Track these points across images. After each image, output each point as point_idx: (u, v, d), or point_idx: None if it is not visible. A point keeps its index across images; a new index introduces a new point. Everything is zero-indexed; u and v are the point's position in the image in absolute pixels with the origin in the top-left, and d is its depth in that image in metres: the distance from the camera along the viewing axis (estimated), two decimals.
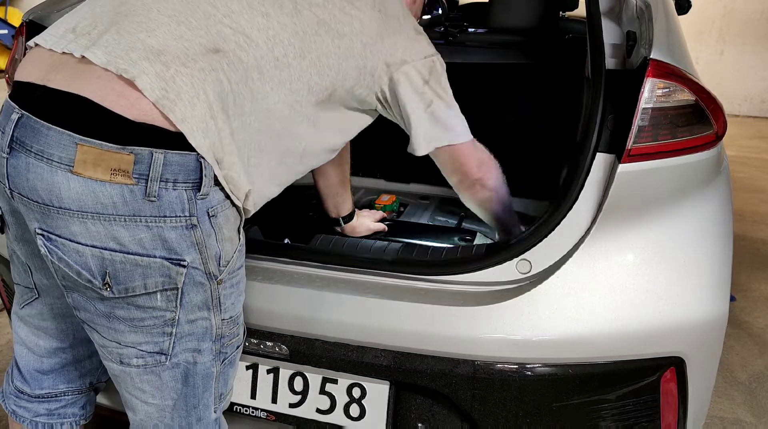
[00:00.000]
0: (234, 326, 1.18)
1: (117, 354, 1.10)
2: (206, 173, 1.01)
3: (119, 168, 0.96)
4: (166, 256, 1.02)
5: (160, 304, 1.06)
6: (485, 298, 1.30)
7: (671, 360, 1.29)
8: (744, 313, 2.88)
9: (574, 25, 2.49)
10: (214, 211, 1.05)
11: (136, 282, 1.02)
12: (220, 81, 1.03)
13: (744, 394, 2.31)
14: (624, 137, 1.26)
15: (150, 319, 1.07)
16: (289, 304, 1.38)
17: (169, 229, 1.01)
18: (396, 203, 2.34)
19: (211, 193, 1.03)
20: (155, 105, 0.97)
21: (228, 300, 1.14)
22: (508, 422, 1.31)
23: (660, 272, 1.28)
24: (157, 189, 0.98)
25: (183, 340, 1.10)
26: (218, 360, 1.16)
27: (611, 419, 1.31)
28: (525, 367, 1.27)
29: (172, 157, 0.98)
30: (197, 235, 1.03)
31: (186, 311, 1.08)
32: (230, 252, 1.11)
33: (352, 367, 1.35)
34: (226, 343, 1.17)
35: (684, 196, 1.32)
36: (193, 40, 1.03)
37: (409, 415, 1.41)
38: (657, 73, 1.25)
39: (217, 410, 1.21)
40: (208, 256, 1.06)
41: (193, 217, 1.02)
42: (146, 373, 1.12)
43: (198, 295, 1.08)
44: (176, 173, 0.99)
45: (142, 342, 1.09)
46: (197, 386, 1.15)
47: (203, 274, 1.07)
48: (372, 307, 1.33)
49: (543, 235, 1.32)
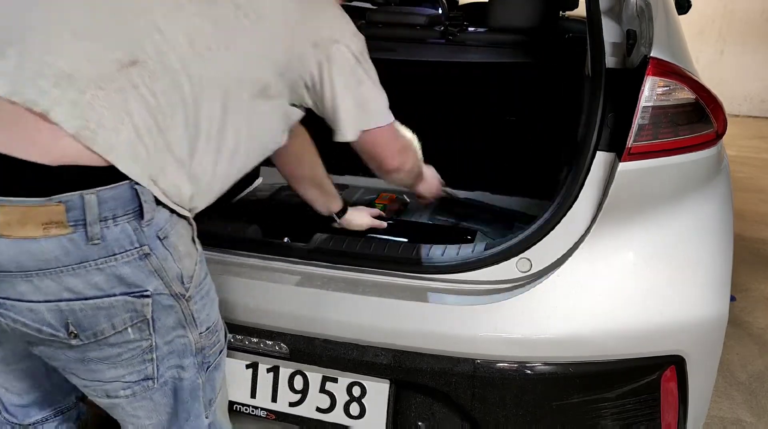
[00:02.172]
0: (213, 335, 1.15)
1: (102, 391, 1.06)
2: (145, 199, 0.95)
3: (51, 221, 0.88)
4: (126, 292, 0.97)
5: (133, 337, 1.01)
6: (485, 296, 1.30)
7: (671, 359, 1.29)
8: (744, 313, 2.88)
9: (574, 24, 2.49)
10: (164, 232, 0.99)
11: (103, 324, 0.97)
12: (143, 96, 0.96)
13: (744, 394, 2.31)
14: (624, 136, 1.26)
15: (127, 352, 1.02)
16: (289, 302, 1.38)
17: (122, 266, 0.95)
18: (396, 203, 2.34)
19: (155, 216, 0.98)
20: (75, 138, 0.89)
21: (201, 313, 1.10)
22: (508, 421, 1.31)
23: (660, 271, 1.28)
24: (99, 230, 0.91)
25: (165, 360, 1.07)
26: (202, 370, 1.13)
27: (611, 418, 1.31)
28: (525, 365, 1.27)
29: (104, 194, 0.91)
30: (153, 263, 0.98)
31: (161, 335, 1.04)
32: (191, 267, 1.06)
33: (352, 365, 1.35)
34: (207, 354, 1.14)
35: (684, 195, 1.32)
36: (105, 56, 0.95)
37: (409, 414, 1.40)
38: (657, 72, 1.25)
39: (208, 416, 1.19)
40: (169, 279, 1.01)
41: (144, 246, 0.96)
42: (137, 401, 1.08)
43: (170, 317, 1.04)
44: (114, 209, 0.92)
45: (124, 374, 1.04)
46: (186, 400, 1.13)
47: (169, 297, 1.02)
48: (372, 306, 1.33)
49: (543, 233, 1.32)
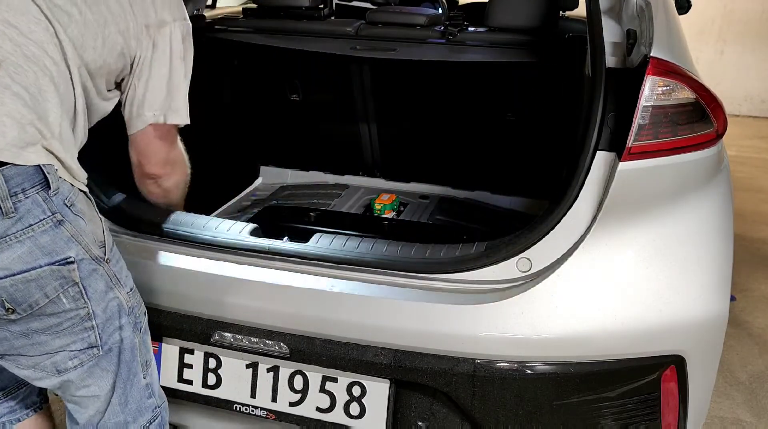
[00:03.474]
0: (136, 295, 1.25)
1: (51, 365, 1.12)
2: (48, 171, 1.03)
3: None
4: (51, 262, 1.04)
5: (68, 305, 1.08)
6: (485, 296, 1.30)
7: (672, 359, 1.29)
8: (744, 313, 2.88)
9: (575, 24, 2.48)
10: (70, 200, 1.07)
11: (36, 295, 1.04)
12: (17, 94, 1.02)
13: (744, 394, 2.31)
14: (624, 135, 1.26)
15: (67, 321, 1.09)
16: (288, 302, 1.38)
17: (40, 235, 1.02)
18: (396, 202, 2.34)
19: (60, 186, 1.06)
20: None
21: (122, 274, 1.20)
22: (508, 421, 1.31)
23: (660, 271, 1.27)
24: (11, 205, 0.99)
25: (106, 326, 1.15)
26: (137, 330, 1.22)
27: (611, 418, 1.31)
28: (525, 365, 1.27)
29: (9, 172, 0.99)
30: (68, 228, 1.06)
31: (96, 301, 1.12)
32: (100, 232, 1.15)
33: (352, 365, 1.35)
34: (137, 313, 1.23)
35: (684, 195, 1.31)
36: None
37: (409, 414, 1.40)
38: (657, 71, 1.25)
39: (146, 376, 1.25)
40: (87, 244, 1.09)
41: (56, 213, 1.04)
42: (85, 371, 1.14)
43: (99, 282, 1.12)
44: (21, 183, 1.00)
45: (69, 343, 1.11)
46: (127, 359, 1.20)
47: (92, 261, 1.10)
48: (372, 306, 1.33)
49: (543, 233, 1.32)
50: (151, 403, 1.28)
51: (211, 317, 1.41)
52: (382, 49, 2.23)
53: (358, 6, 2.97)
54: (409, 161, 2.59)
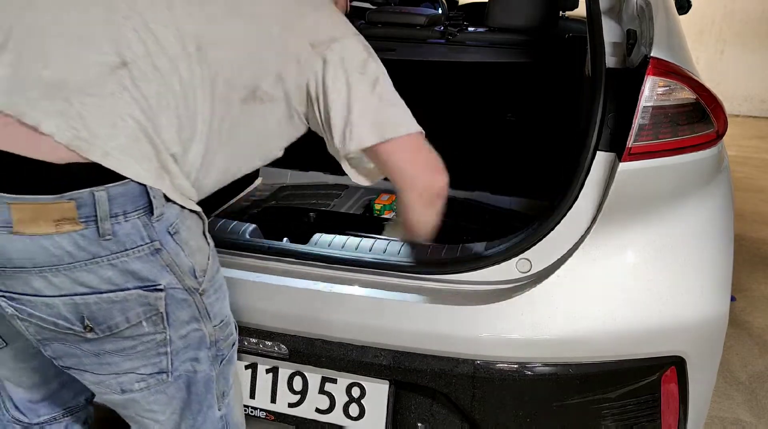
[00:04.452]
0: (226, 328, 1.16)
1: (116, 384, 1.07)
2: (154, 194, 0.96)
3: (63, 217, 0.90)
4: (140, 286, 0.98)
5: (147, 330, 1.02)
6: (485, 297, 1.30)
7: (672, 360, 1.29)
8: (744, 313, 2.87)
9: (574, 24, 2.49)
10: (175, 227, 1.00)
11: (117, 318, 0.99)
12: (136, 100, 0.96)
13: (744, 394, 2.31)
14: (624, 136, 1.26)
15: (141, 345, 1.03)
16: (288, 303, 1.37)
17: (134, 261, 0.96)
18: (396, 203, 2.34)
19: (166, 212, 0.99)
20: (69, 148, 0.90)
21: (215, 307, 1.11)
22: (508, 422, 1.30)
23: (660, 271, 1.27)
24: (110, 226, 0.93)
25: (180, 354, 1.08)
26: (216, 362, 1.15)
27: (611, 419, 1.31)
28: (525, 366, 1.26)
29: (114, 191, 0.92)
30: (165, 258, 0.99)
31: (175, 329, 1.05)
32: (203, 261, 1.07)
33: (351, 366, 1.35)
34: (222, 346, 1.15)
35: (684, 195, 1.31)
36: (93, 60, 0.94)
37: (408, 415, 1.40)
38: (657, 72, 1.25)
39: (221, 408, 1.19)
40: (182, 274, 1.02)
41: (155, 241, 0.98)
42: (151, 394, 1.09)
43: (184, 311, 1.05)
44: (124, 205, 0.94)
45: (139, 366, 1.05)
46: (200, 392, 1.14)
47: (183, 291, 1.03)
48: (371, 307, 1.33)
49: (543, 234, 1.32)
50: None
51: None
52: (382, 49, 2.22)
53: (358, 6, 2.97)
54: None
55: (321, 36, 1.13)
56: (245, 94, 1.10)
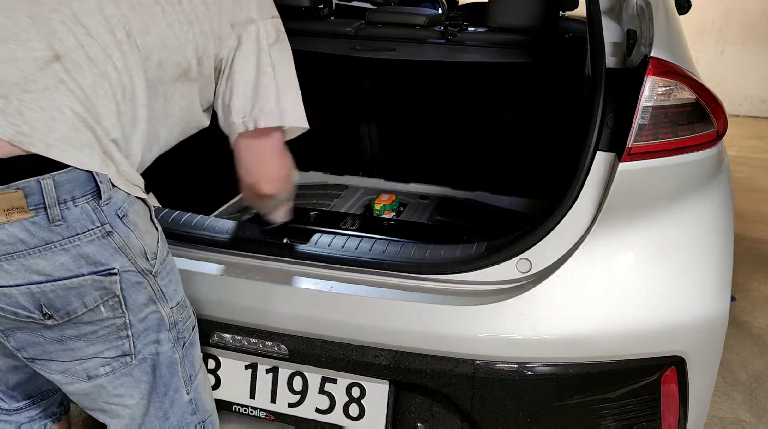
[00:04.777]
0: (184, 310, 1.19)
1: (82, 370, 1.09)
2: (101, 179, 0.99)
3: (11, 207, 0.93)
4: (94, 271, 1.01)
5: (106, 314, 1.05)
6: (485, 297, 1.30)
7: (672, 360, 1.29)
8: (744, 313, 2.87)
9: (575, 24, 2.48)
10: (123, 210, 1.03)
11: (75, 304, 1.01)
12: (72, 91, 0.98)
13: (744, 394, 2.31)
14: (624, 136, 1.26)
15: (102, 329, 1.06)
16: (288, 303, 1.37)
17: (86, 245, 0.99)
18: (396, 203, 2.34)
19: (113, 196, 1.01)
20: (12, 143, 0.92)
21: (169, 288, 1.14)
22: (508, 422, 1.30)
23: (660, 271, 1.27)
24: (59, 212, 0.96)
25: (141, 336, 1.11)
26: (178, 345, 1.17)
27: (612, 419, 1.31)
28: (525, 366, 1.26)
29: (60, 178, 0.95)
30: (116, 240, 1.02)
31: (134, 312, 1.08)
32: (153, 244, 1.10)
33: (351, 366, 1.35)
34: (181, 328, 1.18)
35: (684, 195, 1.31)
36: (26, 56, 0.95)
37: (408, 415, 1.40)
38: (657, 72, 1.25)
39: (189, 392, 1.22)
40: (134, 256, 1.05)
41: (105, 224, 1.00)
42: (117, 378, 1.12)
43: (140, 294, 1.08)
44: (72, 190, 0.96)
45: (102, 350, 1.08)
46: (164, 375, 1.17)
47: (137, 274, 1.06)
48: (371, 307, 1.33)
49: (543, 234, 1.32)
50: (194, 419, 1.24)
51: (210, 318, 1.41)
52: (382, 50, 2.22)
53: (358, 6, 2.97)
54: (409, 161, 2.59)
55: (240, 17, 1.18)
56: (177, 73, 1.13)
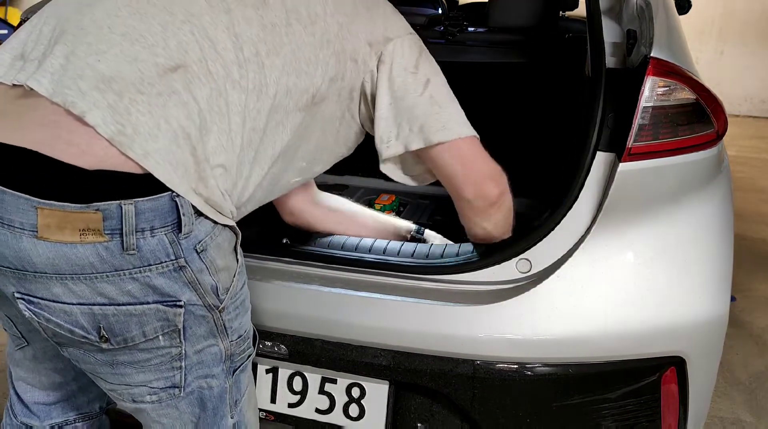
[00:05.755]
0: (243, 343, 1.14)
1: (128, 395, 1.05)
2: (184, 211, 0.93)
3: (87, 228, 0.88)
4: (159, 300, 0.96)
5: (163, 343, 1.00)
6: (485, 297, 1.30)
7: (672, 360, 1.29)
8: (744, 313, 2.87)
9: (574, 24, 2.48)
10: (202, 245, 0.97)
11: (134, 331, 0.97)
12: (185, 103, 0.94)
13: (744, 394, 2.31)
14: (624, 136, 1.26)
15: (156, 358, 1.02)
16: (288, 303, 1.37)
17: (156, 277, 0.94)
18: (396, 203, 2.34)
19: (194, 229, 0.95)
20: (110, 142, 0.88)
21: (234, 323, 1.09)
22: (508, 422, 1.30)
23: (660, 272, 1.27)
24: (135, 241, 0.90)
25: (193, 369, 1.05)
26: (229, 375, 1.12)
27: (611, 419, 1.31)
28: (525, 366, 1.26)
29: (143, 205, 0.89)
30: (188, 275, 0.96)
31: (191, 344, 1.03)
32: (227, 280, 1.04)
33: (351, 366, 1.35)
34: (236, 360, 1.13)
35: (685, 196, 1.31)
36: (148, 60, 0.94)
37: (408, 415, 1.40)
38: (657, 72, 1.25)
39: (233, 416, 1.17)
40: (204, 292, 0.99)
41: (179, 258, 0.95)
42: (162, 407, 1.07)
43: (201, 327, 1.03)
44: (151, 220, 0.90)
45: (152, 380, 1.03)
46: (213, 406, 1.12)
47: (203, 308, 1.01)
48: (372, 307, 1.33)
49: (543, 234, 1.32)
50: None
51: None
52: None
53: None
54: None
55: (377, 35, 1.12)
56: (303, 99, 1.07)
